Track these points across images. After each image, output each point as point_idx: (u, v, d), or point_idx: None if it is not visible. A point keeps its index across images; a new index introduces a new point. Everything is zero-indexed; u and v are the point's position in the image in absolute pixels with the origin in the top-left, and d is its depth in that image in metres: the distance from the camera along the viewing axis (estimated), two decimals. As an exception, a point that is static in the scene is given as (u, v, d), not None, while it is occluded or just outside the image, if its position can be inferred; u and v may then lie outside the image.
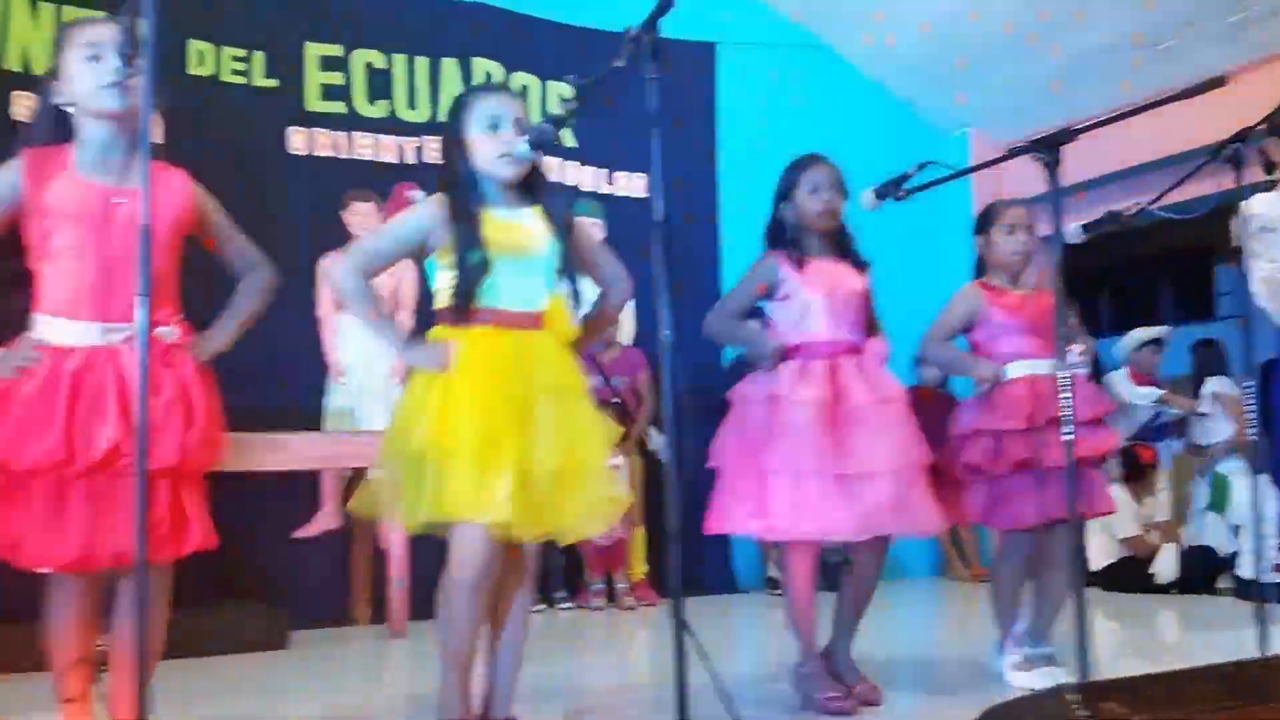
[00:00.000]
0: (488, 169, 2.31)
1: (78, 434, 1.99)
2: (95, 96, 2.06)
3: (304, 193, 4.72)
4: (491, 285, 2.26)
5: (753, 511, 2.75)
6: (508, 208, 2.34)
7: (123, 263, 2.01)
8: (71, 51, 2.08)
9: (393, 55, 5.11)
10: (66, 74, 2.09)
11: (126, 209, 2.04)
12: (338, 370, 4.55)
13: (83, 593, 2.12)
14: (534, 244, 2.33)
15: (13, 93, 4.22)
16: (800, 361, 2.80)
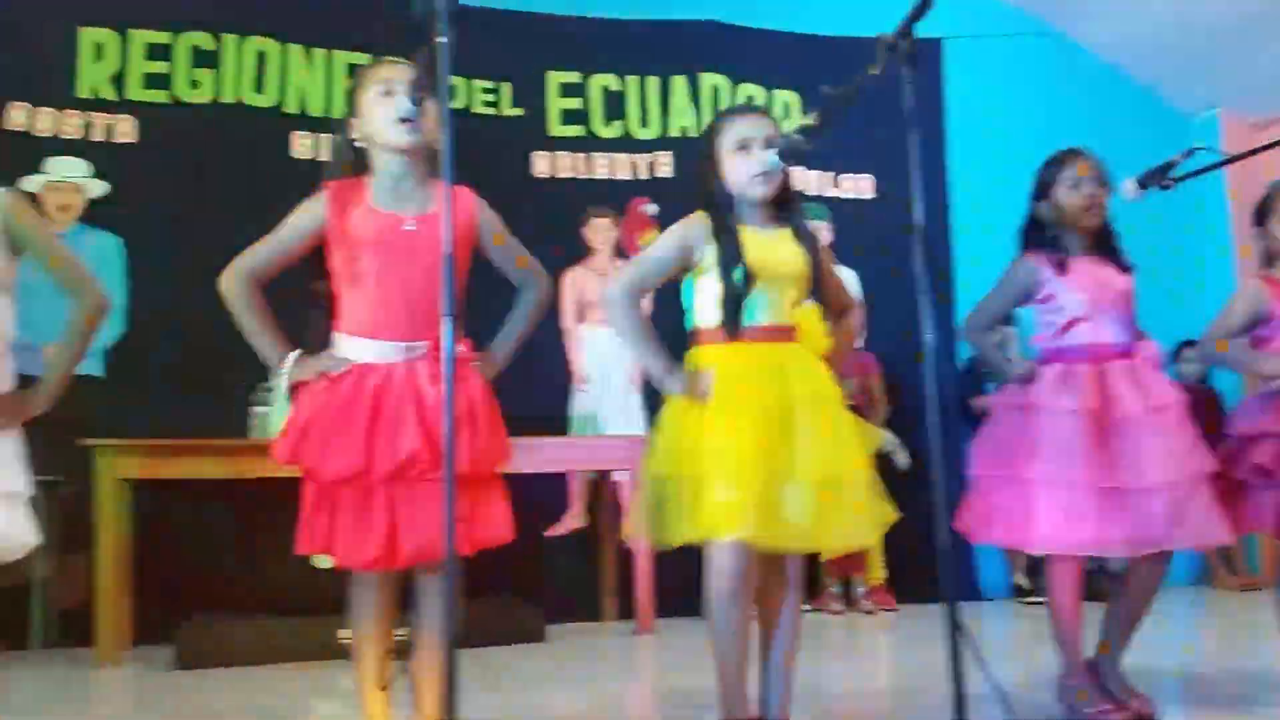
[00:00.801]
0: (740, 190, 2.36)
1: (378, 445, 2.12)
2: (386, 132, 2.20)
3: (546, 212, 4.96)
4: (749, 301, 2.31)
5: (1013, 523, 2.67)
6: (762, 226, 2.38)
7: (417, 285, 2.16)
8: (366, 91, 2.24)
9: (626, 77, 5.31)
10: (361, 112, 2.24)
11: (419, 233, 2.18)
12: (581, 378, 4.78)
13: (384, 589, 2.27)
14: (788, 261, 2.36)
15: (293, 133, 4.66)
16: (1063, 367, 2.71)
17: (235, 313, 2.24)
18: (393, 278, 2.18)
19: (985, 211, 5.25)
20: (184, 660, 3.68)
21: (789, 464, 2.21)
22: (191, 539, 4.19)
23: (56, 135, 4.33)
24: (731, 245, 2.31)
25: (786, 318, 2.35)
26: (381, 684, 2.30)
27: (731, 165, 2.35)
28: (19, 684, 3.23)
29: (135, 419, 3.95)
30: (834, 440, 2.26)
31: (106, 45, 4.48)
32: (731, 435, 2.22)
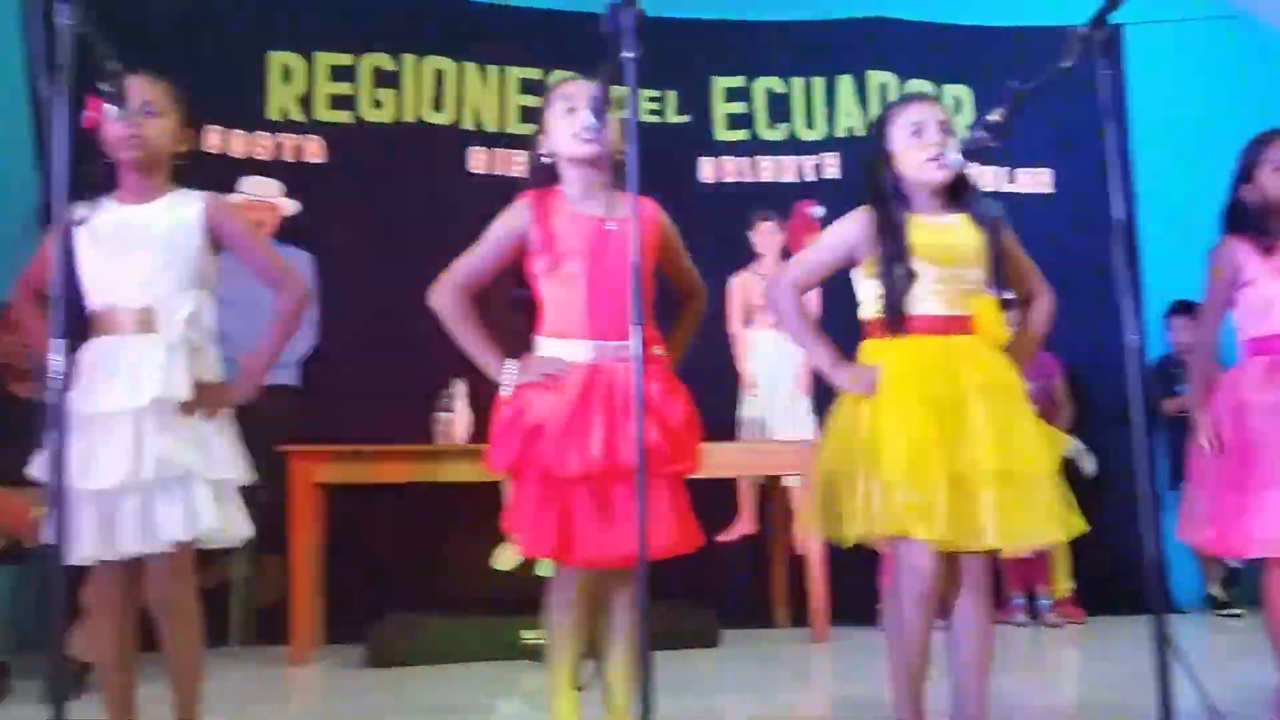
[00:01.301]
0: (915, 175, 2.33)
1: (617, 442, 2.14)
2: (570, 146, 2.27)
3: (712, 218, 4.96)
4: (920, 292, 2.27)
5: (1227, 528, 2.55)
6: (935, 214, 2.34)
7: (615, 286, 2.18)
8: (552, 107, 2.33)
9: (791, 79, 5.26)
10: (548, 127, 2.33)
11: (618, 236, 2.22)
12: (748, 382, 4.75)
13: (585, 589, 2.28)
14: (962, 250, 2.32)
15: (469, 148, 4.80)
16: (1269, 359, 2.57)
17: (449, 326, 2.30)
18: (599, 278, 2.23)
19: (1172, 204, 4.99)
20: (374, 658, 3.82)
21: (964, 458, 2.17)
22: (380, 541, 4.37)
23: (249, 156, 4.58)
24: (897, 239, 2.28)
25: (961, 308, 2.29)
26: (578, 684, 2.31)
27: (905, 152, 2.33)
28: (219, 679, 3.39)
29: (327, 426, 4.13)
30: (1011, 432, 2.20)
31: (294, 68, 4.71)
32: (904, 431, 2.19)
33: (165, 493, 2.20)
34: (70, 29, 1.77)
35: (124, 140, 2.27)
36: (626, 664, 2.27)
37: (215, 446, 2.29)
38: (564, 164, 2.31)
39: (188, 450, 2.22)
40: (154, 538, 2.19)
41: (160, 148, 2.33)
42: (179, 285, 2.30)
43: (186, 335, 2.27)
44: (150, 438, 2.19)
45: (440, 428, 4.10)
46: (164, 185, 2.37)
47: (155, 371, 2.21)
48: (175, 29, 4.39)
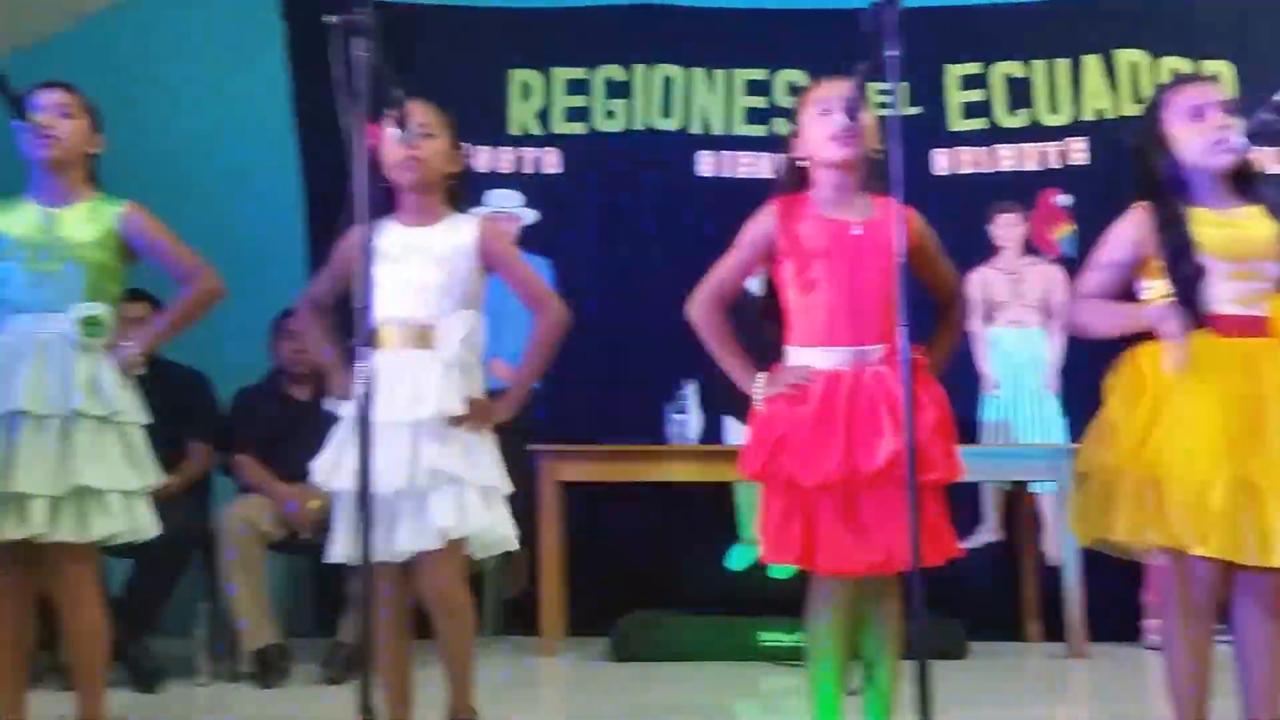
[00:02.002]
0: (1198, 161, 2.16)
1: (860, 449, 2.10)
2: (823, 149, 2.23)
3: (948, 210, 4.77)
4: (1210, 291, 2.10)
5: None
6: (1221, 205, 2.17)
7: (868, 290, 2.15)
8: (806, 109, 2.28)
9: (1032, 62, 4.99)
10: (801, 131, 2.29)
11: (865, 240, 2.18)
12: (990, 382, 4.55)
13: (848, 595, 2.22)
14: (1256, 244, 2.14)
15: (698, 153, 4.83)
16: None
17: (704, 338, 2.31)
18: (844, 284, 2.18)
19: None
20: (618, 653, 3.90)
21: (1256, 466, 2.00)
22: (620, 538, 4.47)
23: (493, 170, 4.76)
24: (1178, 235, 2.11)
25: (1256, 307, 2.10)
26: (849, 689, 2.28)
27: (1185, 136, 2.16)
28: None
29: (565, 426, 4.25)
30: None
31: (532, 85, 4.88)
32: (1191, 434, 2.04)
33: (438, 495, 2.31)
34: (366, 59, 1.88)
35: (402, 163, 2.38)
36: (891, 673, 2.23)
37: (481, 458, 2.39)
38: (817, 167, 2.27)
39: (459, 460, 2.33)
40: (427, 535, 2.30)
41: (435, 169, 2.43)
42: (455, 305, 2.39)
43: (461, 354, 2.36)
44: (426, 448, 2.30)
45: (673, 428, 4.15)
46: (440, 206, 2.47)
47: (434, 388, 2.32)
48: (425, 53, 4.64)
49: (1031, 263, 4.65)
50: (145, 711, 3.13)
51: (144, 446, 2.50)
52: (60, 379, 2.38)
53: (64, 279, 2.44)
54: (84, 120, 2.52)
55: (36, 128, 2.42)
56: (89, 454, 2.37)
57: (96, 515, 2.38)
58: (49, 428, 2.36)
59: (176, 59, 4.65)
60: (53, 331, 2.41)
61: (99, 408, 2.39)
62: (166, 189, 2.69)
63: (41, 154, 2.46)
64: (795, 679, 3.50)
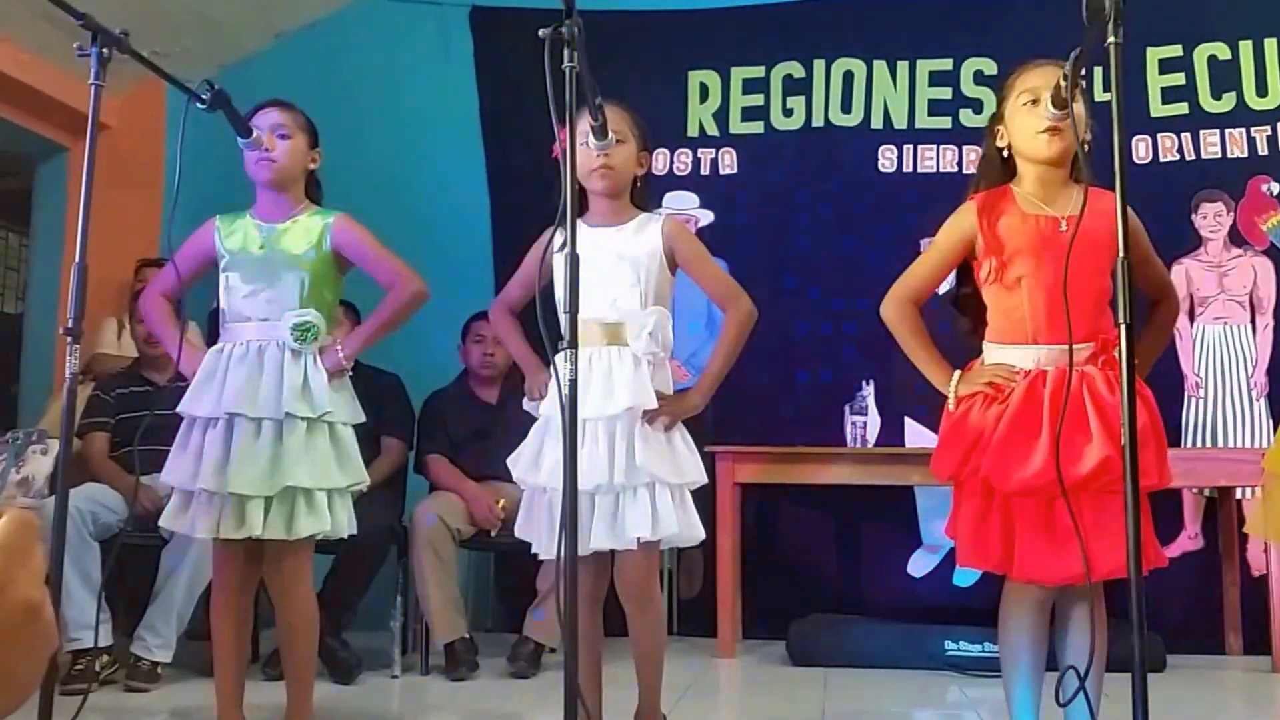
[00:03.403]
0: None
1: (1063, 453, 2.00)
2: (1030, 143, 2.15)
3: (1148, 201, 4.45)
4: None
5: None
6: None
7: (1074, 287, 2.03)
8: (1011, 98, 2.20)
9: (1239, 43, 4.60)
10: (1006, 118, 2.20)
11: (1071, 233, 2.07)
12: (1193, 383, 4.24)
13: (1044, 605, 2.15)
14: None
15: (880, 148, 4.65)
16: None
17: (899, 337, 2.28)
18: (1048, 281, 2.09)
19: None
20: (795, 656, 3.82)
21: None
22: (797, 541, 4.38)
23: (671, 172, 4.72)
24: None
25: None
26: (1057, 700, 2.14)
27: None
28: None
29: (746, 428, 4.19)
30: None
31: (710, 85, 4.81)
32: None
33: (633, 495, 2.30)
34: (572, 69, 1.91)
35: (595, 170, 2.38)
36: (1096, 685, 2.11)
37: (674, 452, 2.38)
38: (1022, 159, 2.19)
39: (653, 457, 2.32)
40: (622, 536, 2.30)
41: (626, 174, 2.44)
42: (645, 303, 2.39)
43: (651, 349, 2.36)
44: (621, 444, 2.30)
45: (852, 430, 4.03)
46: (628, 208, 2.48)
47: (627, 383, 2.32)
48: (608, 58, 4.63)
49: (1238, 255, 4.31)
50: (342, 703, 3.23)
51: (354, 447, 2.58)
52: (274, 383, 2.47)
53: (282, 289, 2.54)
54: (301, 138, 2.61)
55: (258, 149, 2.53)
56: (298, 455, 2.46)
57: (303, 514, 2.47)
58: (263, 430, 2.46)
59: (368, 73, 4.80)
60: (268, 338, 2.51)
61: (309, 409, 2.48)
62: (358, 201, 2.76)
63: (263, 175, 2.57)
64: (980, 689, 3.36)
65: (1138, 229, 2.18)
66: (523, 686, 3.45)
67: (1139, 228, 2.18)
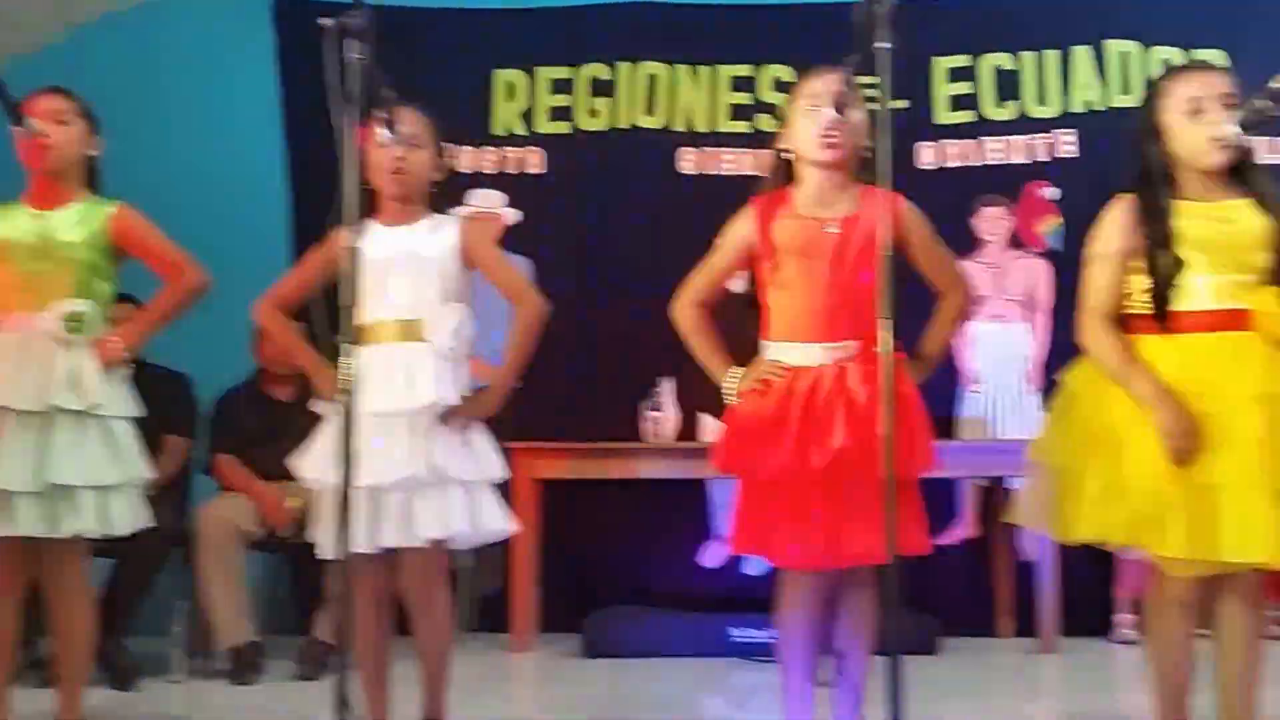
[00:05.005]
0: (1191, 157, 2.03)
1: (809, 444, 2.05)
2: (809, 147, 2.15)
3: (933, 203, 4.53)
4: (1191, 284, 2.00)
5: None
6: (1210, 198, 2.04)
7: (841, 286, 2.09)
8: (795, 104, 2.20)
9: (1020, 54, 4.73)
10: (790, 123, 2.20)
11: (842, 237, 2.11)
12: (971, 378, 4.35)
13: (816, 589, 2.17)
14: (1241, 237, 2.02)
15: (679, 149, 4.64)
16: None
17: (686, 337, 2.28)
18: (817, 281, 2.11)
19: None
20: (590, 649, 3.78)
21: (1226, 470, 1.90)
22: (595, 536, 4.32)
23: (476, 170, 4.59)
24: (1161, 224, 2.01)
25: (1237, 301, 1.99)
26: (819, 680, 2.22)
27: (1181, 131, 2.02)
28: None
29: (541, 423, 4.12)
30: None
31: (516, 84, 4.70)
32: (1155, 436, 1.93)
33: (426, 492, 2.24)
34: (360, 62, 1.85)
35: (389, 170, 2.31)
36: (862, 667, 2.17)
37: (473, 449, 2.32)
38: (803, 163, 2.19)
39: (452, 453, 2.26)
40: (413, 534, 2.23)
41: (421, 179, 2.37)
42: (440, 301, 2.33)
43: (451, 346, 2.29)
44: (420, 440, 2.23)
45: (649, 425, 4.01)
46: (422, 210, 2.41)
47: (429, 378, 2.25)
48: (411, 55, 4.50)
49: (1016, 257, 4.44)
50: (121, 709, 3.07)
51: (129, 440, 2.46)
52: (41, 374, 2.34)
53: (53, 279, 2.42)
54: (79, 125, 2.49)
55: (32, 135, 2.39)
56: (66, 450, 2.33)
57: (66, 512, 2.33)
58: (30, 424, 2.32)
59: (168, 66, 4.55)
60: (37, 329, 2.38)
61: (77, 402, 2.35)
62: (155, 194, 2.65)
63: (38, 161, 2.43)
64: (766, 674, 3.38)
65: (918, 224, 2.21)
66: (308, 689, 3.32)
67: (920, 222, 2.22)
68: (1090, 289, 2.13)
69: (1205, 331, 2.00)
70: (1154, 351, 2.02)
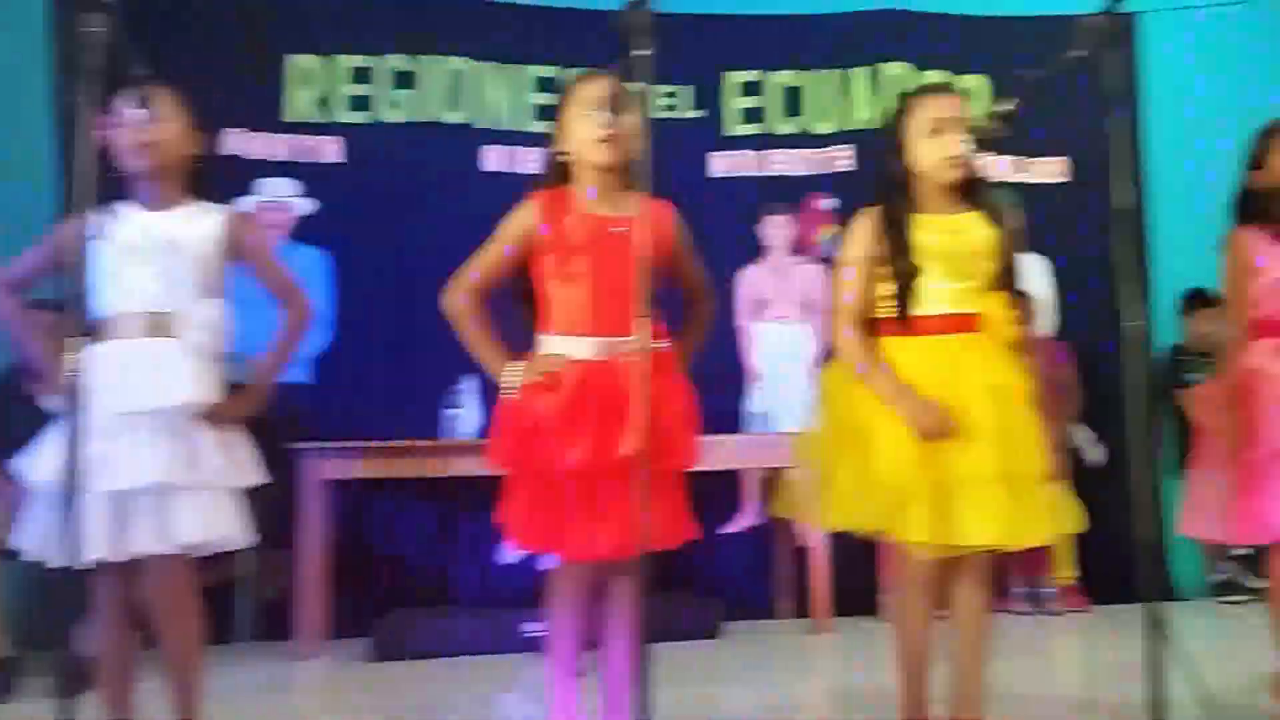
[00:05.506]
0: (929, 173, 2.18)
1: (607, 437, 2.04)
2: (586, 149, 2.15)
3: (723, 211, 4.71)
4: (928, 291, 2.14)
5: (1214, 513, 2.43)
6: (945, 211, 2.19)
7: (621, 284, 2.08)
8: (569, 107, 2.20)
9: (804, 73, 4.96)
10: (565, 127, 2.20)
11: (622, 239, 2.11)
12: (755, 375, 4.53)
13: (587, 582, 2.17)
14: (971, 247, 2.18)
15: (483, 147, 4.58)
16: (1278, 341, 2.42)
17: (459, 329, 2.21)
18: (604, 277, 2.11)
19: (1187, 193, 4.67)
20: (379, 653, 3.67)
21: (962, 460, 2.05)
22: (385, 536, 4.21)
23: (267, 158, 4.37)
24: (900, 235, 2.14)
25: (969, 306, 2.16)
26: (581, 671, 2.22)
27: (922, 148, 2.16)
28: (225, 676, 3.29)
29: (340, 422, 3.99)
30: (1013, 434, 2.07)
31: (313, 71, 4.51)
32: (899, 431, 2.07)
33: (174, 497, 2.09)
34: (99, 36, 1.71)
35: (133, 147, 2.17)
36: (626, 656, 2.17)
37: (223, 453, 2.18)
38: (580, 165, 2.19)
39: (197, 457, 2.12)
40: (161, 540, 2.09)
41: (169, 153, 2.22)
42: (196, 294, 2.19)
43: (202, 342, 2.16)
44: (170, 442, 2.10)
45: (450, 423, 3.94)
46: (180, 193, 2.26)
47: (179, 376, 2.12)
48: (197, 34, 4.22)
49: (797, 262, 4.66)
50: None
51: None
52: None
53: None
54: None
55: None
56: None
57: None
58: None
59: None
60: None
61: None
62: None
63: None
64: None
65: (681, 235, 2.26)
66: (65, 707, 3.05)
67: (683, 234, 2.26)
68: (839, 293, 2.26)
69: (942, 333, 2.14)
70: (897, 352, 2.16)
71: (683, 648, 3.70)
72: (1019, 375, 2.16)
